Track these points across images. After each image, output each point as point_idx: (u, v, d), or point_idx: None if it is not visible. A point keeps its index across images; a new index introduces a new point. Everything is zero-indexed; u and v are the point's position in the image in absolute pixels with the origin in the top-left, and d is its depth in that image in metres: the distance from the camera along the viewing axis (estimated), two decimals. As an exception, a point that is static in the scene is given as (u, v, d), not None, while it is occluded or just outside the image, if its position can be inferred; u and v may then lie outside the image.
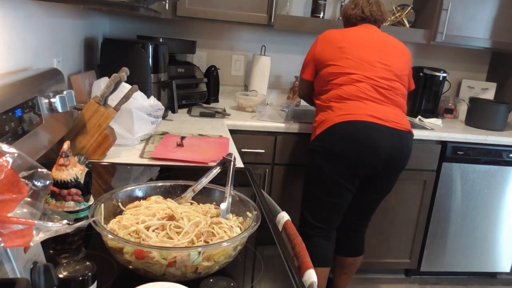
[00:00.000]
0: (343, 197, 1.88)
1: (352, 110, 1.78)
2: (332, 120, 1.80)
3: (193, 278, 0.75)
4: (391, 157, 1.80)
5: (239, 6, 2.30)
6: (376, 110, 1.79)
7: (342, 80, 1.84)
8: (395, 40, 1.96)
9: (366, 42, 1.89)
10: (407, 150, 1.85)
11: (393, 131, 1.79)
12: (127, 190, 0.93)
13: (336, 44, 1.89)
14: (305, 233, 1.96)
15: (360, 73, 1.82)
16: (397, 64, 1.88)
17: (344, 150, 1.78)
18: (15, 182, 0.53)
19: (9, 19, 1.14)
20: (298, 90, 2.18)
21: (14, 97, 0.96)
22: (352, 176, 1.82)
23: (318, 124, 1.88)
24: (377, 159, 1.79)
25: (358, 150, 1.76)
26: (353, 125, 1.77)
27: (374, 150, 1.76)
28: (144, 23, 2.62)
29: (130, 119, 1.53)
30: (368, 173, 1.83)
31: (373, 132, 1.76)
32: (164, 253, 0.72)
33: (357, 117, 1.77)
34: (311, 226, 1.95)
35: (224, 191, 0.94)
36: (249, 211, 0.90)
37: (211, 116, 2.21)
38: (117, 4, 1.21)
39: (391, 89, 1.84)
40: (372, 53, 1.86)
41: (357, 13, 1.99)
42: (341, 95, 1.82)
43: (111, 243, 0.75)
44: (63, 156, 0.96)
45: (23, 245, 0.52)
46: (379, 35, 1.94)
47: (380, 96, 1.82)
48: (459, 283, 2.76)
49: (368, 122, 1.76)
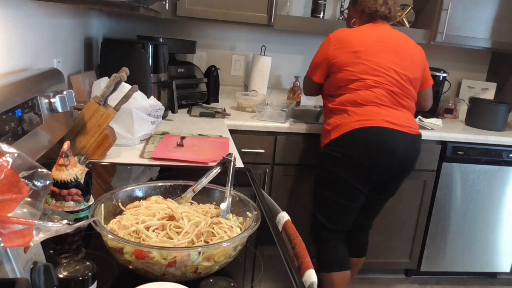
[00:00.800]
0: (358, 200, 1.89)
1: (369, 116, 1.78)
2: (350, 126, 1.79)
3: (193, 278, 0.75)
4: (405, 161, 1.82)
5: (239, 6, 2.30)
6: (391, 115, 1.79)
7: (357, 85, 1.82)
8: (408, 40, 1.92)
9: (382, 45, 1.85)
10: (418, 154, 1.87)
11: (407, 136, 1.80)
12: (127, 190, 0.93)
13: (352, 48, 1.84)
14: (323, 238, 1.95)
15: (375, 79, 1.80)
16: (410, 67, 1.87)
17: (362, 156, 1.78)
18: (15, 182, 0.53)
19: (9, 19, 1.14)
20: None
21: (14, 97, 0.96)
22: (366, 180, 1.83)
23: (333, 127, 1.86)
24: (392, 164, 1.80)
25: (376, 156, 1.77)
26: (371, 131, 1.76)
27: (391, 156, 1.78)
28: (144, 23, 2.62)
29: (130, 119, 1.53)
30: (381, 177, 1.85)
31: (390, 138, 1.77)
32: (164, 253, 0.72)
33: (374, 123, 1.77)
34: (328, 230, 1.94)
35: (224, 191, 0.94)
36: (249, 211, 0.90)
37: (211, 116, 2.21)
38: (117, 4, 1.21)
39: (404, 93, 1.84)
40: (387, 57, 1.83)
41: (384, 12, 1.92)
42: (357, 100, 1.80)
43: (111, 243, 0.75)
44: (63, 156, 0.96)
45: (23, 245, 0.52)
46: (394, 35, 1.90)
47: (394, 100, 1.82)
48: (459, 283, 2.76)
49: (385, 128, 1.76)
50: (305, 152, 2.27)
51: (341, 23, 2.37)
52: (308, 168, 2.29)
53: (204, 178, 0.97)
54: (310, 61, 2.05)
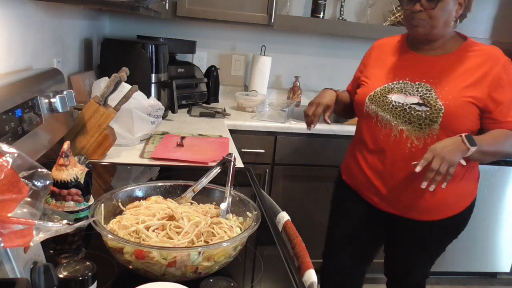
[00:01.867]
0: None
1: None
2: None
3: (193, 278, 0.75)
4: None
5: (239, 6, 2.30)
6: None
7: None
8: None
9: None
10: None
11: None
12: (127, 190, 0.93)
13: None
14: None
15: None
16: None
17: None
18: (15, 182, 0.53)
19: (9, 19, 1.14)
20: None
21: (14, 97, 0.96)
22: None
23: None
24: None
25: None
26: None
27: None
28: (144, 23, 2.62)
29: (130, 119, 1.53)
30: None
31: None
32: (164, 253, 0.72)
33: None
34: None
35: (224, 191, 0.94)
36: (249, 211, 0.90)
37: (211, 116, 2.21)
38: (117, 4, 1.21)
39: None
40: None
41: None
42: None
43: (111, 243, 0.75)
44: (63, 156, 0.96)
45: (23, 245, 0.52)
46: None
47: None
48: (459, 283, 2.76)
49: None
50: (305, 152, 2.27)
51: (341, 23, 2.37)
52: (308, 168, 2.29)
53: (204, 178, 0.97)
54: (310, 61, 2.04)
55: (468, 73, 1.31)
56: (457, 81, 1.31)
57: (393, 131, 1.36)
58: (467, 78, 1.30)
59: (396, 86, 1.38)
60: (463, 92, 1.29)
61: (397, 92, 1.37)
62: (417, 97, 1.33)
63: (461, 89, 1.29)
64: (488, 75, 1.29)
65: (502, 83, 1.29)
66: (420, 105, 1.31)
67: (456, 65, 1.33)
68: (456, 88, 1.30)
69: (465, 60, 1.33)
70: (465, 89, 1.29)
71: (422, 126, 1.31)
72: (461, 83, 1.30)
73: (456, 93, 1.29)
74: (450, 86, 1.30)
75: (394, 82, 1.39)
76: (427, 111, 1.30)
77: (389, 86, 1.40)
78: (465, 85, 1.30)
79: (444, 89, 1.30)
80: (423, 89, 1.33)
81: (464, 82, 1.30)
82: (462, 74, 1.31)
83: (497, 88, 1.28)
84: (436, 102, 1.29)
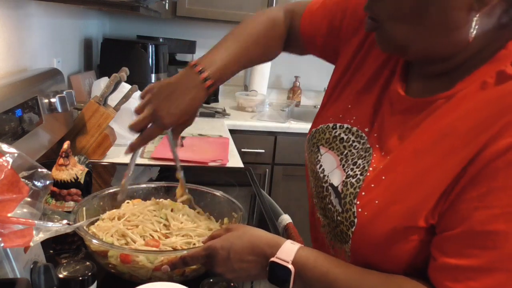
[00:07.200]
0: None
1: None
2: None
3: (180, 281, 0.74)
4: None
5: (239, 6, 2.30)
6: None
7: None
8: None
9: None
10: None
11: None
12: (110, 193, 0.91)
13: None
14: None
15: None
16: None
17: None
18: (15, 182, 0.53)
19: (9, 19, 1.14)
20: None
21: (14, 97, 0.96)
22: None
23: None
24: None
25: None
26: None
27: None
28: (144, 23, 2.62)
29: (130, 119, 1.52)
30: None
31: None
32: (151, 257, 0.71)
33: None
34: None
35: (210, 192, 0.94)
36: (234, 211, 0.90)
37: (211, 116, 2.21)
38: (117, 4, 1.21)
39: None
40: None
41: None
42: None
43: (94, 246, 0.73)
44: (63, 156, 0.96)
45: (23, 245, 0.52)
46: None
47: None
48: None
49: None
50: (305, 152, 2.27)
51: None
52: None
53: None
54: (309, 61, 2.03)
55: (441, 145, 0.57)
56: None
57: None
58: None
59: (338, 133, 0.78)
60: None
61: (333, 148, 0.79)
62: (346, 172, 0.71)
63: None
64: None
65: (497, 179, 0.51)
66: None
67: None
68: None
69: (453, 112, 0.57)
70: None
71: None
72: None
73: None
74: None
75: (340, 124, 0.78)
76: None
77: (333, 127, 0.80)
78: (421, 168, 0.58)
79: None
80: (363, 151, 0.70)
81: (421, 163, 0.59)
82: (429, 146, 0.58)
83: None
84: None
